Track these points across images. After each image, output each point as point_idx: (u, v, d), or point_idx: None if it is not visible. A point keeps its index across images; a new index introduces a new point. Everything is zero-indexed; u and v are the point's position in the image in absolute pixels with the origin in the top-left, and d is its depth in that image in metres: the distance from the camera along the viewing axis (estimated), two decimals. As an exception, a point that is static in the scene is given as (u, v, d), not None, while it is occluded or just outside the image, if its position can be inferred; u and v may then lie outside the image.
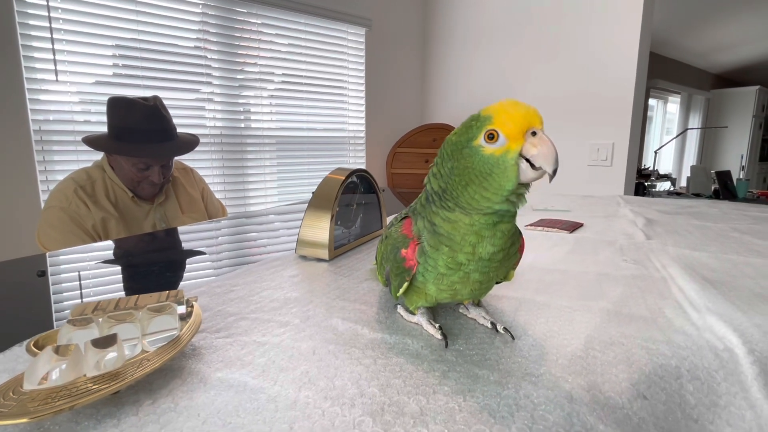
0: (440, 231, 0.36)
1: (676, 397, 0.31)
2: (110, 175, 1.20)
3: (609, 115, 2.08)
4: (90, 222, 1.14)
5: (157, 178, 1.21)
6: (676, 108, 5.74)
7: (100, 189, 1.18)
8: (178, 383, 0.31)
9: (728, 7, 4.04)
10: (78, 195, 1.14)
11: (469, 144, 0.32)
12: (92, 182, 1.18)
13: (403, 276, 0.39)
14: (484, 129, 0.31)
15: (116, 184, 1.20)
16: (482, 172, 0.32)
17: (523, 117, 0.31)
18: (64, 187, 1.15)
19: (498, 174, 0.31)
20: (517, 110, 0.31)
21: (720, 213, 1.11)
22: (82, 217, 1.13)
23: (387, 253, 0.41)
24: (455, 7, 2.69)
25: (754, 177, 6.31)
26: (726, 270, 0.61)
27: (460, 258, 0.35)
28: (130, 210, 1.22)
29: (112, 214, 1.17)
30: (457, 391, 0.30)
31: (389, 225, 0.44)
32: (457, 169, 0.33)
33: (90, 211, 1.14)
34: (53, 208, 1.13)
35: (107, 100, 1.19)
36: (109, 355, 0.30)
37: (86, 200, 1.14)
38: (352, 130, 2.60)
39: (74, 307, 0.36)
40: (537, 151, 0.30)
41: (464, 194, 0.33)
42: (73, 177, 1.18)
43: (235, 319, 0.43)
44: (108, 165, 1.21)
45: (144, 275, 0.69)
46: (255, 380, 0.31)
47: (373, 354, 0.36)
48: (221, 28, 2.01)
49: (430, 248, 0.37)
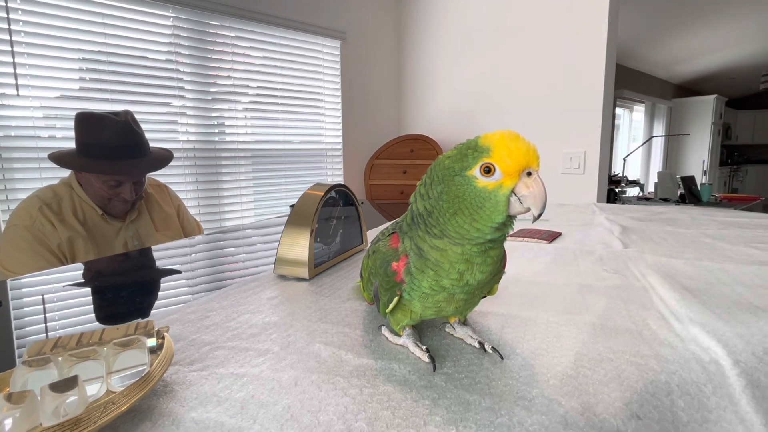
0: (427, 256, 0.35)
1: (669, 414, 0.31)
2: (78, 192, 1.15)
3: (580, 124, 2.14)
4: (56, 241, 1.08)
5: (129, 195, 1.16)
6: (641, 116, 5.98)
7: (67, 206, 1.12)
8: (147, 426, 0.29)
9: (685, 21, 4.26)
10: (43, 213, 1.08)
11: (462, 172, 0.32)
12: (59, 200, 1.12)
13: (393, 290, 0.38)
14: (481, 161, 0.31)
15: (85, 201, 1.15)
16: (473, 204, 0.31)
17: (523, 155, 0.30)
18: (28, 205, 1.09)
19: (489, 208, 0.31)
20: (518, 147, 0.30)
21: (690, 219, 1.15)
22: (47, 236, 1.07)
23: (376, 268, 0.40)
24: (429, 19, 2.73)
25: (715, 181, 6.62)
26: (702, 277, 0.62)
27: (445, 283, 0.35)
28: (100, 228, 1.16)
29: (80, 232, 1.11)
30: (448, 420, 0.29)
31: (375, 240, 0.43)
32: (446, 195, 0.33)
33: (56, 229, 1.08)
34: (16, 227, 1.06)
35: (75, 115, 1.14)
36: (69, 400, 0.27)
37: (52, 218, 1.08)
38: (329, 142, 2.59)
39: (30, 345, 0.33)
40: (529, 192, 0.30)
41: (452, 222, 0.32)
42: (38, 194, 1.12)
43: (210, 349, 0.40)
44: (76, 182, 1.15)
45: (112, 302, 0.65)
46: (233, 419, 0.29)
47: (358, 383, 0.34)
48: (193, 41, 1.97)
49: (415, 270, 0.36)
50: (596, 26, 2.04)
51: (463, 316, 0.43)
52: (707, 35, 4.72)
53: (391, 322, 0.41)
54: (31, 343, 0.33)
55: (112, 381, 0.31)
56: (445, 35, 2.65)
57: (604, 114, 2.08)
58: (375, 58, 2.76)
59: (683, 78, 6.41)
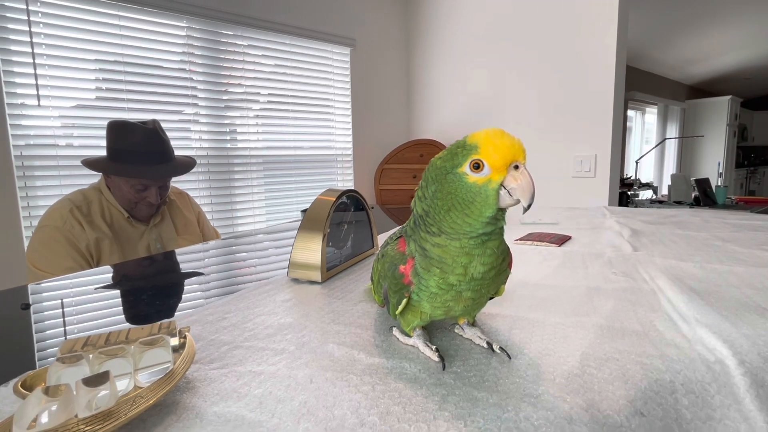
0: (431, 255, 0.36)
1: (672, 412, 0.32)
2: (107, 196, 1.23)
3: (590, 128, 2.14)
4: (84, 242, 1.15)
5: (155, 199, 1.24)
6: (654, 118, 5.91)
7: (95, 209, 1.20)
8: (173, 420, 0.31)
9: (698, 22, 4.22)
10: (73, 214, 1.15)
11: (453, 170, 0.33)
12: (88, 203, 1.20)
13: (402, 293, 0.39)
14: (470, 158, 0.32)
15: (112, 204, 1.23)
16: (465, 199, 0.33)
17: (508, 150, 0.32)
18: (59, 207, 1.17)
19: (479, 202, 0.33)
20: (503, 142, 0.32)
21: (702, 221, 1.14)
22: (77, 237, 1.14)
23: (384, 271, 0.42)
24: (438, 24, 2.75)
25: (731, 183, 6.50)
26: (711, 280, 0.62)
27: (451, 280, 0.36)
28: (125, 231, 1.24)
29: (107, 234, 1.19)
30: (457, 416, 0.30)
31: (384, 244, 0.45)
32: (440, 193, 0.35)
33: (84, 230, 1.15)
34: (48, 228, 1.14)
35: (107, 123, 1.23)
36: (101, 393, 0.29)
37: (81, 220, 1.16)
38: (339, 148, 2.62)
39: (63, 344, 0.35)
40: (517, 184, 0.32)
41: (446, 218, 0.34)
42: (69, 197, 1.20)
43: (229, 348, 0.42)
44: (105, 186, 1.23)
45: (134, 303, 0.67)
46: (252, 413, 0.31)
47: (371, 380, 0.35)
48: (206, 50, 2.02)
49: (422, 270, 0.37)
50: (606, 28, 2.04)
51: (472, 317, 0.44)
52: (720, 35, 4.66)
53: (401, 324, 0.43)
54: (63, 342, 0.35)
55: (138, 377, 0.33)
56: (454, 39, 2.67)
57: (614, 117, 2.08)
58: (384, 64, 2.79)
59: (696, 79, 6.33)
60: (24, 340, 0.54)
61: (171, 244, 1.31)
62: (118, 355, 0.34)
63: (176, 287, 0.78)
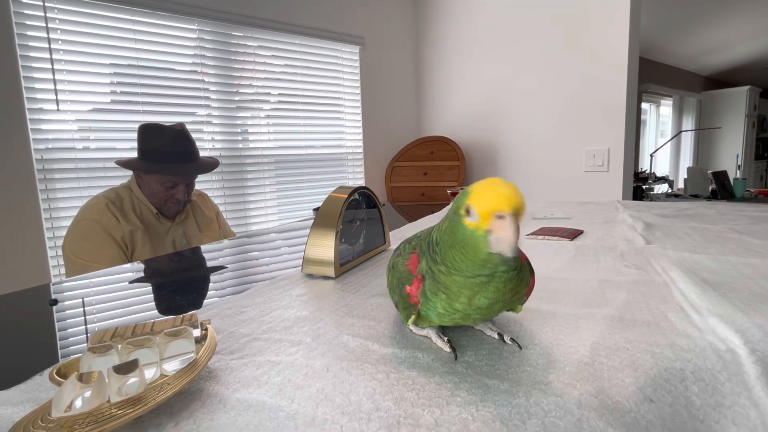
0: (438, 279, 0.38)
1: (682, 398, 0.32)
2: (137, 194, 1.32)
3: (603, 121, 2.12)
4: (119, 233, 1.24)
5: (183, 196, 1.34)
6: (669, 111, 5.81)
7: (127, 205, 1.30)
8: (198, 405, 0.32)
9: (712, 11, 4.12)
10: (109, 209, 1.25)
11: (458, 211, 0.35)
12: (120, 199, 1.30)
13: (410, 310, 0.41)
14: (466, 202, 0.34)
15: (142, 202, 1.32)
16: (461, 240, 0.34)
17: (493, 200, 0.32)
18: (96, 202, 1.27)
19: (472, 245, 0.34)
20: (490, 191, 0.32)
21: (717, 214, 1.13)
22: (113, 229, 1.24)
23: (393, 286, 0.44)
24: (447, 20, 2.74)
25: (750, 176, 6.35)
26: (725, 271, 0.62)
27: (457, 306, 0.37)
28: (154, 226, 1.33)
29: (139, 226, 1.29)
30: (469, 401, 0.31)
31: (397, 251, 0.46)
32: (448, 230, 0.36)
33: (120, 223, 1.25)
34: (86, 221, 1.23)
35: (138, 126, 1.34)
36: (130, 381, 0.31)
37: (116, 213, 1.26)
38: (349, 146, 2.64)
39: (93, 335, 0.37)
40: (498, 236, 0.32)
41: (449, 254, 0.36)
42: (104, 194, 1.30)
43: (248, 340, 0.44)
44: (136, 185, 1.33)
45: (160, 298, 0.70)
46: (273, 399, 0.32)
47: (385, 369, 0.37)
48: (217, 51, 2.05)
49: (429, 292, 0.38)
50: (618, 19, 2.01)
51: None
52: (740, 23, 4.54)
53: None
54: (94, 333, 0.37)
55: (164, 366, 0.35)
56: (464, 35, 2.66)
57: (627, 110, 2.05)
58: (393, 62, 2.79)
59: (713, 69, 6.19)
60: (50, 334, 0.56)
61: (194, 241, 1.40)
62: (144, 345, 0.35)
63: (202, 281, 0.81)
